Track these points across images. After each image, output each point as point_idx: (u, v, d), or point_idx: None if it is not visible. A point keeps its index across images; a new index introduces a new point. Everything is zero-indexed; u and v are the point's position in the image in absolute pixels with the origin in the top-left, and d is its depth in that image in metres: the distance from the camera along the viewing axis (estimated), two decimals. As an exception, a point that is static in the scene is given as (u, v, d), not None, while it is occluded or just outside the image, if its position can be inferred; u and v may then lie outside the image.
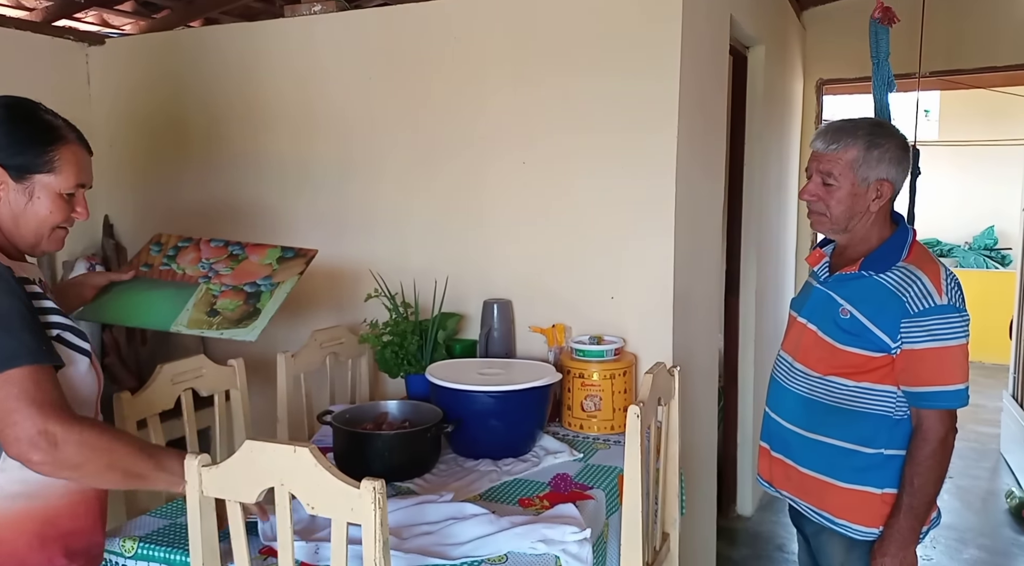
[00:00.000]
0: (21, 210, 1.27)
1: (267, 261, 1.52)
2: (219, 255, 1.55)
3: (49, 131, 1.29)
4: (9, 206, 1.27)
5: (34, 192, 1.27)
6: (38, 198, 1.28)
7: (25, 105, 1.30)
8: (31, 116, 1.29)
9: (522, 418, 1.83)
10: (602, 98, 2.10)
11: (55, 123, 1.31)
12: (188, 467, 1.22)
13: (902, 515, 1.50)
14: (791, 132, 4.09)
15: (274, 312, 1.44)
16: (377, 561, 1.09)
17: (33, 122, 1.29)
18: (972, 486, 3.91)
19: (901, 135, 1.58)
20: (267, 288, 1.43)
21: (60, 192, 1.29)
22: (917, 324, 1.46)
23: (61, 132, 1.31)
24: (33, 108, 1.31)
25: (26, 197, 1.27)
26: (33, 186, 1.27)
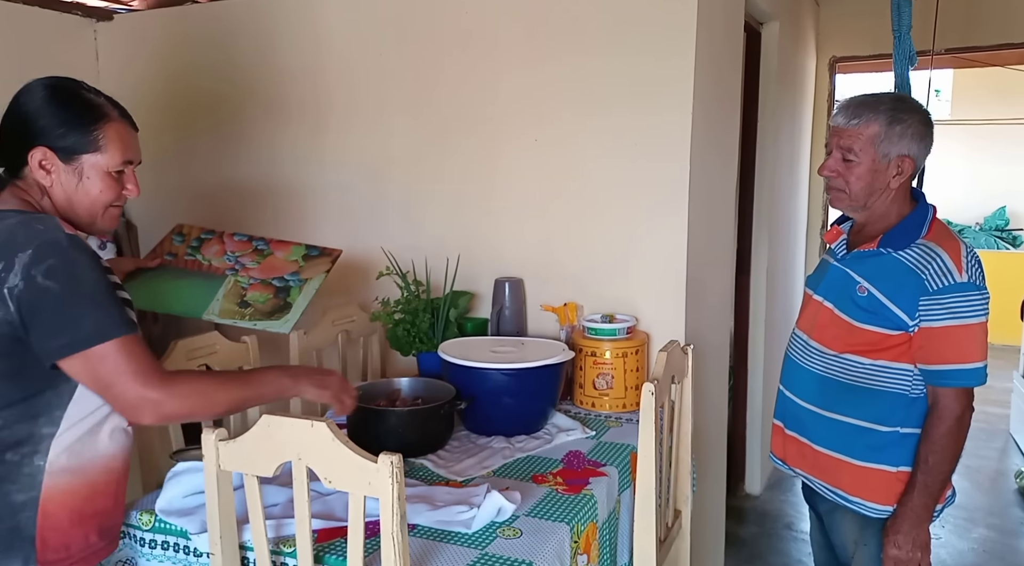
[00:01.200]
0: (73, 191, 1.28)
1: (293, 258, 1.53)
2: (244, 249, 1.55)
3: (92, 110, 1.29)
4: (61, 188, 1.28)
5: (83, 172, 1.28)
6: (88, 178, 1.28)
7: (67, 85, 1.30)
8: (74, 96, 1.29)
9: (535, 396, 1.83)
10: (616, 76, 2.08)
11: (97, 101, 1.30)
12: (205, 441, 1.23)
13: (916, 493, 1.50)
14: (803, 110, 4.05)
15: (305, 306, 1.45)
16: (394, 534, 1.09)
17: (76, 102, 1.28)
18: (982, 466, 3.91)
19: (924, 110, 1.55)
20: (295, 283, 1.44)
21: (109, 170, 1.29)
22: (936, 301, 1.45)
23: (104, 110, 1.30)
24: (75, 87, 1.30)
25: (76, 178, 1.28)
26: (82, 166, 1.28)
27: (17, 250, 1.16)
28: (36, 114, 1.26)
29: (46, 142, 1.25)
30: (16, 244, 1.16)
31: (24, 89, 1.29)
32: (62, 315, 1.16)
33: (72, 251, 1.19)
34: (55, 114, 1.26)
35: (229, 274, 1.51)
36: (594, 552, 1.48)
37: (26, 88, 1.29)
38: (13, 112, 1.28)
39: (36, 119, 1.26)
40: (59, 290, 1.15)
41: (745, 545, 3.04)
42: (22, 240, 1.17)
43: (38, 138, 1.25)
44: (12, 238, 1.17)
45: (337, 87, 2.44)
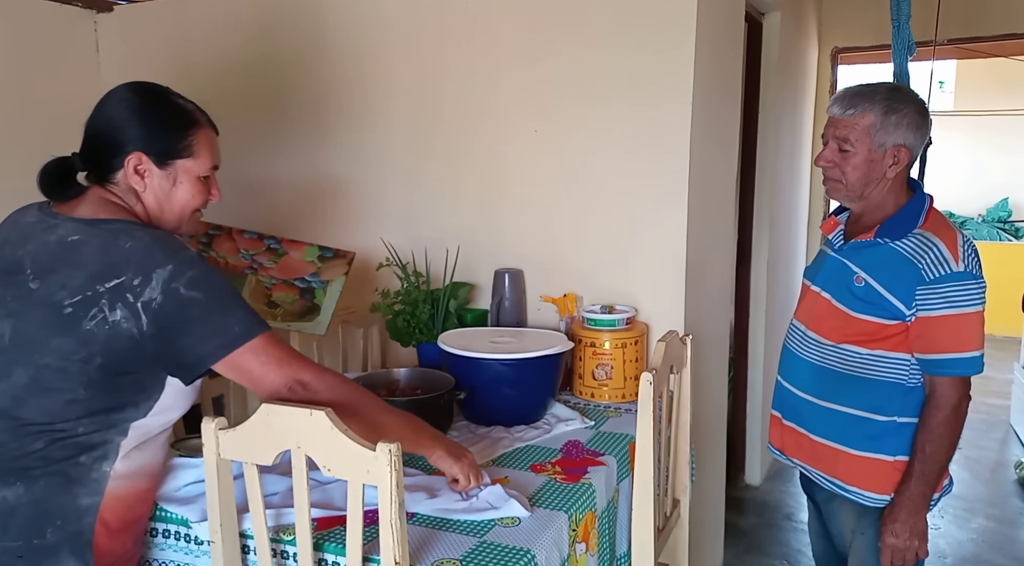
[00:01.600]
0: (166, 195, 1.30)
1: (309, 258, 1.53)
2: (257, 247, 1.55)
3: (185, 115, 1.31)
4: (154, 193, 1.29)
5: (177, 177, 1.30)
6: (181, 183, 1.31)
7: (158, 90, 1.32)
8: (166, 102, 1.31)
9: (534, 386, 1.84)
10: (615, 68, 2.07)
11: (188, 107, 1.33)
12: (205, 430, 1.24)
13: (913, 481, 1.51)
14: (805, 101, 4.04)
15: (333, 309, 1.45)
16: (393, 522, 1.10)
17: (170, 108, 1.31)
18: (981, 457, 3.92)
19: (920, 100, 1.56)
20: (318, 285, 1.45)
21: (199, 175, 1.32)
22: (933, 291, 1.45)
23: (195, 116, 1.33)
24: (166, 93, 1.32)
25: (170, 183, 1.30)
26: (176, 171, 1.30)
27: (156, 266, 1.17)
28: (131, 120, 1.27)
29: (142, 147, 1.27)
30: (154, 260, 1.17)
31: (113, 95, 1.29)
32: (211, 321, 1.19)
33: (204, 263, 1.23)
34: (150, 120, 1.28)
35: (248, 273, 1.50)
36: (593, 540, 1.49)
37: (115, 94, 1.29)
38: (105, 118, 1.29)
39: (131, 125, 1.27)
40: (204, 298, 1.18)
41: (745, 535, 3.06)
42: (160, 257, 1.18)
43: (134, 143, 1.27)
44: (149, 253, 1.18)
45: (337, 79, 2.44)
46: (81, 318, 1.15)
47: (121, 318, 1.15)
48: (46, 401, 1.17)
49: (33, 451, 1.17)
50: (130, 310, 1.15)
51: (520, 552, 1.24)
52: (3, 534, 1.17)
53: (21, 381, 1.17)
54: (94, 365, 1.16)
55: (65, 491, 1.19)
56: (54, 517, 1.18)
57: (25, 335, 1.18)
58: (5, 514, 1.17)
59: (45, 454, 1.18)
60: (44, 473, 1.18)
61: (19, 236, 1.27)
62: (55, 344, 1.16)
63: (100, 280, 1.16)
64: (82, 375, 1.16)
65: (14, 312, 1.20)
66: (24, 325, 1.19)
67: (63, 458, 1.18)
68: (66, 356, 1.16)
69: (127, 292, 1.15)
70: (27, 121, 2.51)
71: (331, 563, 1.26)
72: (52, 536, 1.18)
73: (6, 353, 1.19)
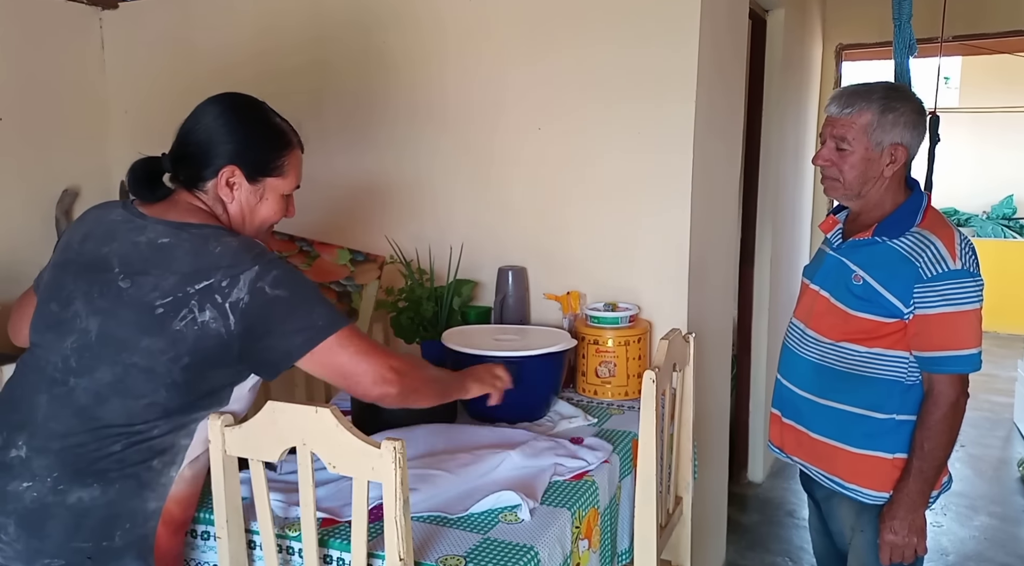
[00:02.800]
0: (251, 209, 1.34)
1: (341, 262, 1.54)
2: (290, 250, 1.55)
3: (282, 136, 1.36)
4: (240, 205, 1.33)
5: (264, 193, 1.34)
6: (266, 199, 1.34)
7: (259, 107, 1.36)
8: (266, 120, 1.35)
9: (537, 383, 1.85)
10: (618, 66, 2.08)
11: (284, 127, 1.37)
12: (212, 427, 1.26)
13: (912, 479, 1.52)
14: (809, 99, 4.03)
15: (371, 312, 1.45)
16: (397, 519, 1.12)
17: (270, 127, 1.35)
18: (984, 454, 3.92)
19: (917, 99, 1.56)
20: (353, 289, 1.46)
21: (283, 193, 1.37)
22: (930, 289, 1.46)
23: (289, 137, 1.37)
24: (267, 111, 1.36)
25: (256, 198, 1.34)
26: (264, 188, 1.34)
27: (243, 268, 1.20)
28: (231, 134, 1.30)
29: (237, 162, 1.30)
30: (242, 263, 1.21)
31: (214, 106, 1.32)
32: (297, 316, 1.22)
33: (287, 264, 1.27)
34: (250, 137, 1.32)
35: None
36: (595, 537, 1.50)
37: (216, 105, 1.32)
38: (204, 127, 1.31)
39: (231, 139, 1.30)
40: (288, 295, 1.22)
41: (747, 532, 3.07)
42: (247, 260, 1.21)
43: (230, 157, 1.30)
44: (238, 258, 1.21)
45: (341, 76, 2.45)
46: (172, 318, 1.18)
47: (210, 318, 1.18)
48: (128, 401, 1.19)
49: (111, 453, 1.19)
50: (218, 311, 1.18)
51: (523, 549, 1.26)
52: (75, 534, 1.19)
53: (105, 379, 1.19)
54: (180, 365, 1.19)
55: (136, 495, 1.22)
56: (124, 520, 1.21)
57: (113, 334, 1.20)
58: (79, 514, 1.19)
59: (122, 456, 1.20)
60: (120, 476, 1.20)
61: (104, 233, 1.28)
62: (145, 344, 1.18)
63: (191, 282, 1.19)
64: (167, 376, 1.19)
65: (102, 310, 1.22)
66: (113, 324, 1.21)
67: (138, 461, 1.21)
68: (154, 356, 1.18)
69: (216, 294, 1.18)
70: (32, 118, 2.52)
71: (336, 559, 1.28)
72: (120, 539, 1.21)
73: (92, 350, 1.21)
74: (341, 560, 1.27)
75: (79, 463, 1.19)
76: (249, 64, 2.57)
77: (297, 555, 1.30)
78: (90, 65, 2.72)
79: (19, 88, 2.50)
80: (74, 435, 1.19)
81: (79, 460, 1.19)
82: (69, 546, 1.18)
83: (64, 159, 2.64)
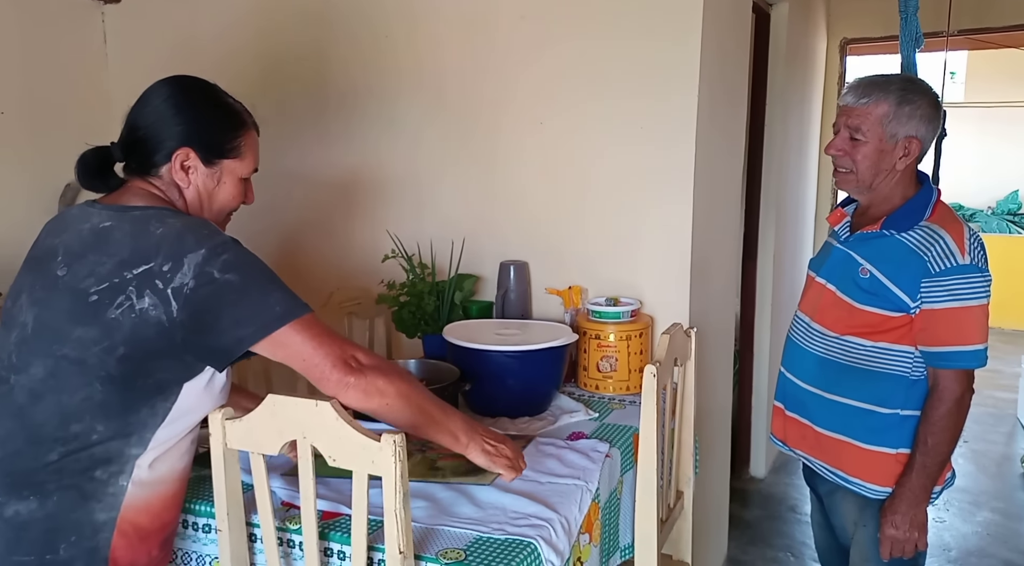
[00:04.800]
0: (208, 194, 1.29)
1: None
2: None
3: (236, 116, 1.30)
4: (197, 189, 1.28)
5: (221, 177, 1.29)
6: (224, 183, 1.29)
7: (210, 88, 1.31)
8: (219, 101, 1.30)
9: (539, 378, 1.84)
10: (621, 59, 2.07)
11: (238, 108, 1.31)
12: (212, 420, 1.25)
13: (915, 474, 1.51)
14: (813, 94, 4.01)
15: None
16: (397, 511, 1.11)
17: (223, 107, 1.29)
18: (988, 450, 3.91)
19: (933, 93, 1.55)
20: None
21: (241, 177, 1.32)
22: (938, 284, 1.45)
23: (243, 117, 1.32)
24: (219, 92, 1.31)
25: (214, 182, 1.29)
26: (221, 172, 1.29)
27: (187, 251, 1.13)
28: (182, 115, 1.25)
29: (191, 143, 1.25)
30: (186, 245, 1.14)
31: (160, 89, 1.27)
32: (249, 303, 1.15)
33: (239, 246, 1.20)
34: (202, 118, 1.26)
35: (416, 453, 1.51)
36: (596, 531, 1.50)
37: (162, 88, 1.27)
38: (152, 111, 1.26)
39: (182, 121, 1.25)
40: (239, 280, 1.15)
41: (749, 527, 3.07)
42: (191, 241, 1.15)
43: (183, 139, 1.25)
44: (180, 239, 1.15)
45: (343, 71, 2.44)
46: (107, 306, 1.12)
47: (149, 306, 1.11)
48: (61, 397, 1.13)
49: (48, 463, 1.14)
50: (159, 297, 1.11)
51: (523, 543, 1.25)
52: (16, 548, 1.14)
53: (39, 374, 1.14)
54: (115, 356, 1.12)
55: (79, 506, 1.15)
56: (67, 533, 1.15)
57: (47, 324, 1.15)
58: (18, 528, 1.14)
59: (60, 466, 1.14)
60: (58, 488, 1.14)
61: (58, 226, 1.25)
62: (77, 334, 1.12)
63: (128, 267, 1.13)
64: (100, 368, 1.12)
65: (39, 300, 1.17)
66: (47, 314, 1.15)
67: (78, 471, 1.14)
68: (87, 346, 1.12)
69: (156, 279, 1.12)
70: (35, 111, 2.52)
71: (336, 552, 1.27)
72: (65, 552, 1.15)
73: (27, 344, 1.16)
74: (341, 553, 1.27)
75: (15, 474, 1.15)
76: (252, 57, 2.57)
77: (298, 548, 1.30)
78: (92, 58, 2.71)
79: (22, 82, 2.50)
80: (11, 441, 1.15)
81: (15, 471, 1.14)
82: (10, 560, 1.14)
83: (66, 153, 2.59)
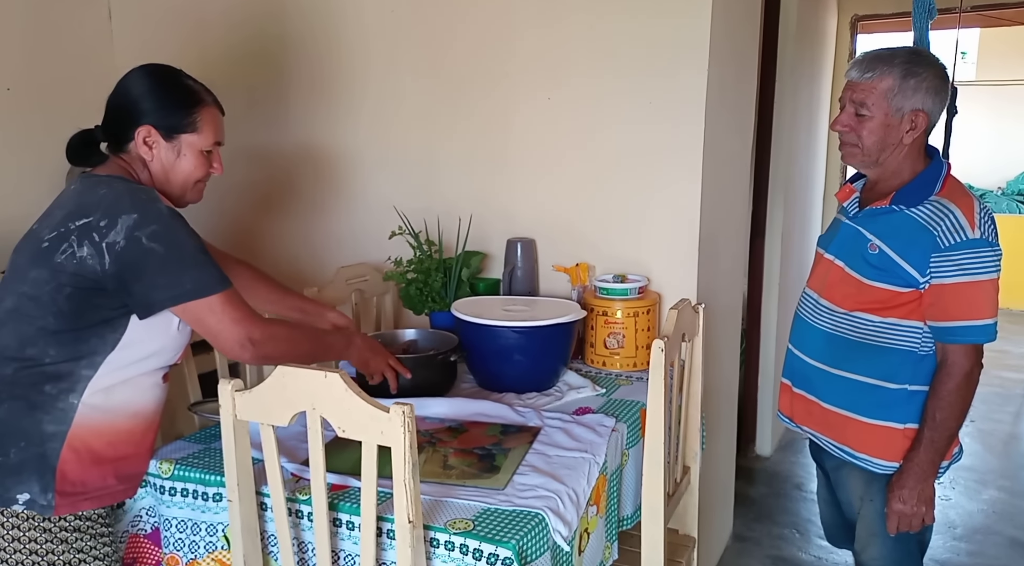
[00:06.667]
0: (171, 166, 1.44)
1: (490, 433, 1.57)
2: (437, 428, 1.60)
3: (192, 94, 1.45)
4: (161, 162, 1.43)
5: (181, 150, 1.44)
6: (184, 155, 1.44)
7: (171, 72, 1.46)
8: (177, 81, 1.45)
9: (546, 354, 1.85)
10: (630, 35, 2.05)
11: (196, 88, 1.47)
12: (222, 393, 1.26)
13: (922, 448, 1.51)
14: (823, 71, 3.98)
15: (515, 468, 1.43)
16: (407, 482, 1.12)
17: (179, 87, 1.45)
18: (995, 429, 3.91)
19: (941, 65, 1.53)
20: (499, 451, 1.47)
21: (201, 149, 1.45)
22: (948, 258, 1.44)
23: (201, 95, 1.46)
24: (178, 75, 1.46)
25: (174, 154, 1.43)
26: (180, 144, 1.43)
27: (122, 212, 1.29)
28: (143, 97, 1.41)
29: (151, 121, 1.41)
30: (122, 207, 1.30)
31: (132, 74, 1.44)
32: (166, 273, 1.30)
33: (172, 220, 1.34)
34: (161, 98, 1.42)
35: (427, 447, 1.52)
36: (603, 503, 1.51)
37: (133, 74, 1.44)
38: (121, 95, 1.43)
39: (143, 101, 1.41)
40: (163, 252, 1.29)
41: (754, 504, 3.08)
42: (127, 205, 1.31)
43: (144, 118, 1.41)
44: (118, 201, 1.31)
45: (350, 46, 2.43)
46: (54, 251, 1.29)
47: (87, 255, 1.28)
48: (21, 326, 1.30)
49: (2, 376, 1.31)
50: (95, 248, 1.28)
51: (531, 514, 1.26)
52: None
53: (7, 306, 1.32)
54: (63, 294, 1.29)
55: (27, 416, 1.30)
56: (16, 438, 1.30)
57: (16, 267, 1.35)
58: None
59: (13, 379, 1.31)
60: (8, 397, 1.31)
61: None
62: (33, 274, 1.30)
63: (72, 218, 1.30)
64: (52, 304, 1.29)
65: (18, 249, 1.38)
66: (18, 258, 1.36)
67: (28, 384, 1.30)
68: (40, 285, 1.29)
69: (93, 231, 1.28)
70: (41, 93, 2.52)
71: (345, 522, 1.29)
72: (16, 456, 1.30)
73: (5, 283, 1.36)
74: (351, 523, 1.28)
75: None
76: (259, 31, 2.56)
77: (307, 518, 1.32)
78: (98, 36, 2.70)
79: (27, 59, 2.49)
80: None
81: None
82: None
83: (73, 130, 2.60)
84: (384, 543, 1.24)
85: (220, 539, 1.40)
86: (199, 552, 1.41)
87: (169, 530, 1.43)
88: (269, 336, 1.37)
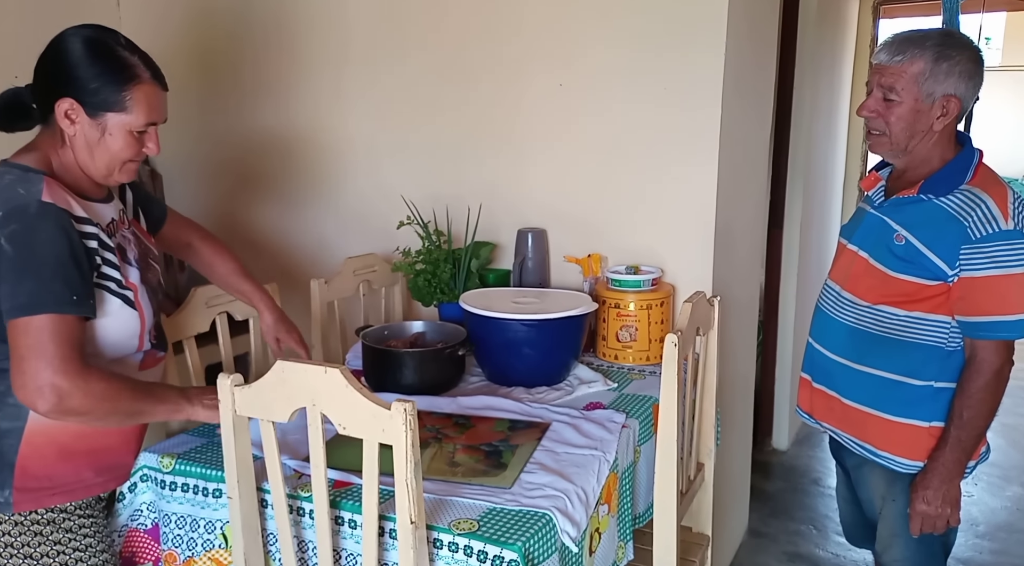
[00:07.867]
0: (95, 144, 1.29)
1: (498, 429, 1.53)
2: (444, 423, 1.56)
3: (125, 70, 1.28)
4: (84, 139, 1.29)
5: (107, 129, 1.29)
6: (110, 135, 1.29)
7: (104, 39, 1.30)
8: (110, 53, 1.28)
9: (557, 347, 1.80)
10: (644, 18, 1.98)
11: (131, 61, 1.30)
12: (221, 387, 1.23)
13: (948, 448, 1.45)
14: (844, 57, 3.88)
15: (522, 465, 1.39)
16: (408, 481, 1.08)
17: (111, 60, 1.28)
18: (1019, 424, 3.83)
19: (975, 47, 1.45)
20: (505, 448, 1.43)
21: (132, 130, 1.30)
22: (979, 250, 1.37)
23: (136, 71, 1.29)
24: (112, 43, 1.30)
25: (99, 133, 1.29)
26: (106, 123, 1.28)
27: None
28: (70, 65, 1.26)
29: (75, 95, 1.26)
30: None
31: (62, 37, 1.29)
32: (8, 281, 1.17)
33: (38, 220, 1.19)
34: (89, 69, 1.26)
35: (432, 442, 1.48)
36: (614, 502, 1.47)
37: (64, 36, 1.29)
38: (48, 58, 1.29)
39: (69, 70, 1.26)
40: (13, 255, 1.17)
41: (771, 499, 3.03)
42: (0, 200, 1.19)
43: (68, 89, 1.26)
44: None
45: (358, 32, 2.38)
46: None
47: None
48: None
49: None
50: None
51: (538, 515, 1.22)
52: None
53: None
54: None
55: None
56: None
57: None
58: None
59: None
60: None
61: None
62: None
63: None
64: None
65: None
66: None
67: None
68: None
69: None
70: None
71: (347, 521, 1.25)
72: None
73: None
74: (352, 521, 1.25)
75: None
76: (266, 21, 2.52)
77: (308, 516, 1.28)
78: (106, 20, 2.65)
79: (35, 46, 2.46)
80: None
81: None
82: None
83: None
84: (386, 543, 1.20)
85: (218, 537, 1.37)
86: (197, 550, 1.39)
87: (168, 526, 1.41)
88: (82, 390, 1.18)
